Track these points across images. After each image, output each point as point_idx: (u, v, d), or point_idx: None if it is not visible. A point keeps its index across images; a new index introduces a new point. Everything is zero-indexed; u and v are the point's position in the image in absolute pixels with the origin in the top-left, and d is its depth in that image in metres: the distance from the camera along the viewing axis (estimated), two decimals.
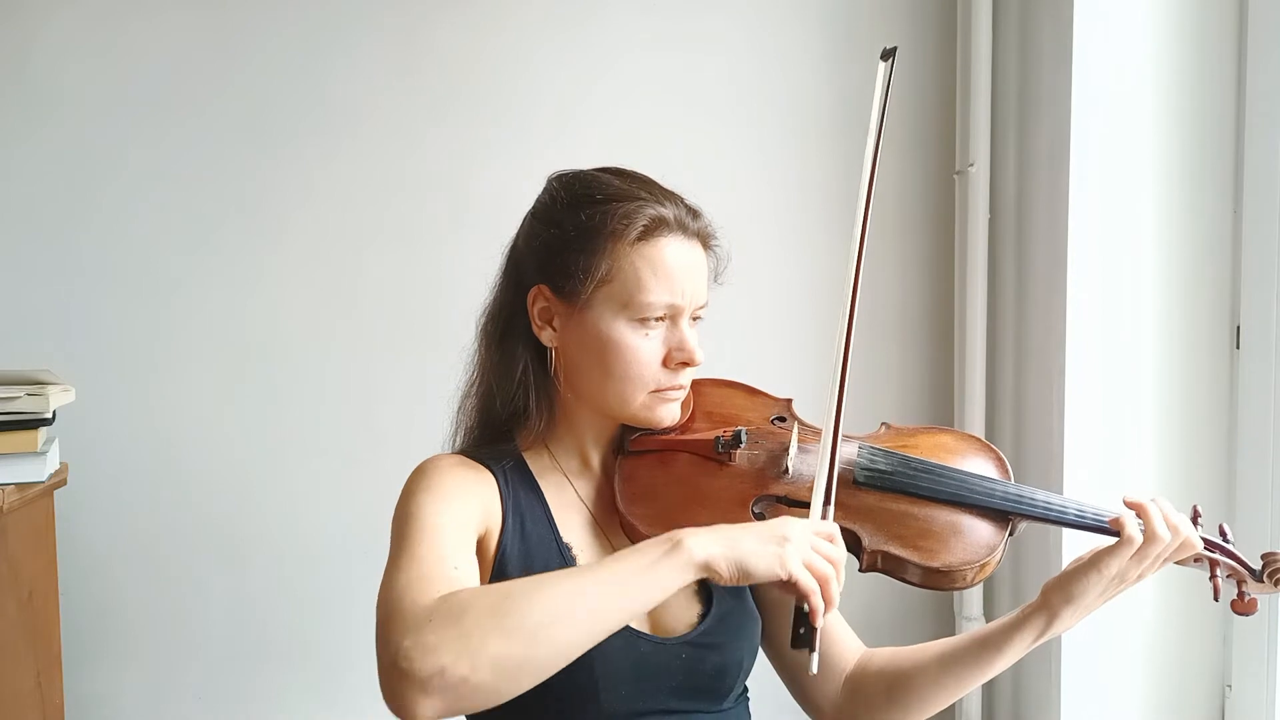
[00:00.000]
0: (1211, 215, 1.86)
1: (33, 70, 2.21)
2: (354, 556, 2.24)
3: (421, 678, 0.87)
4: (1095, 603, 1.12)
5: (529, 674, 0.90)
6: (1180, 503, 1.13)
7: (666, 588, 0.94)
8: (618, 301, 1.13)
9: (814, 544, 0.98)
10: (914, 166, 2.30)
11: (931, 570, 1.08)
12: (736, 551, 0.95)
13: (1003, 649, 1.16)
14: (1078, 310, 1.87)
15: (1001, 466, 1.20)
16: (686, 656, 1.13)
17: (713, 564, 0.95)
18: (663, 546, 0.95)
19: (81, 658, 2.22)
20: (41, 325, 2.22)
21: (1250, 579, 1.14)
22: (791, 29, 2.28)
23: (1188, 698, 1.90)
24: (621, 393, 1.14)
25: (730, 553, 0.95)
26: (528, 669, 0.90)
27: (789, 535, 0.97)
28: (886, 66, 1.21)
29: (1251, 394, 1.81)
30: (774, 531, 0.97)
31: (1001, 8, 2.14)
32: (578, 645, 0.92)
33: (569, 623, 0.91)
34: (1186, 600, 1.86)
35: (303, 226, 2.26)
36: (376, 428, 2.26)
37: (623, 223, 1.12)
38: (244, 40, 2.24)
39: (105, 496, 2.23)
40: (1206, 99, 1.85)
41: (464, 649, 0.87)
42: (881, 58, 1.22)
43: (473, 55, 2.26)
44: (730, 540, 0.96)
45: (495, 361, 1.20)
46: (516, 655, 0.89)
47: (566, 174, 1.21)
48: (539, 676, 0.91)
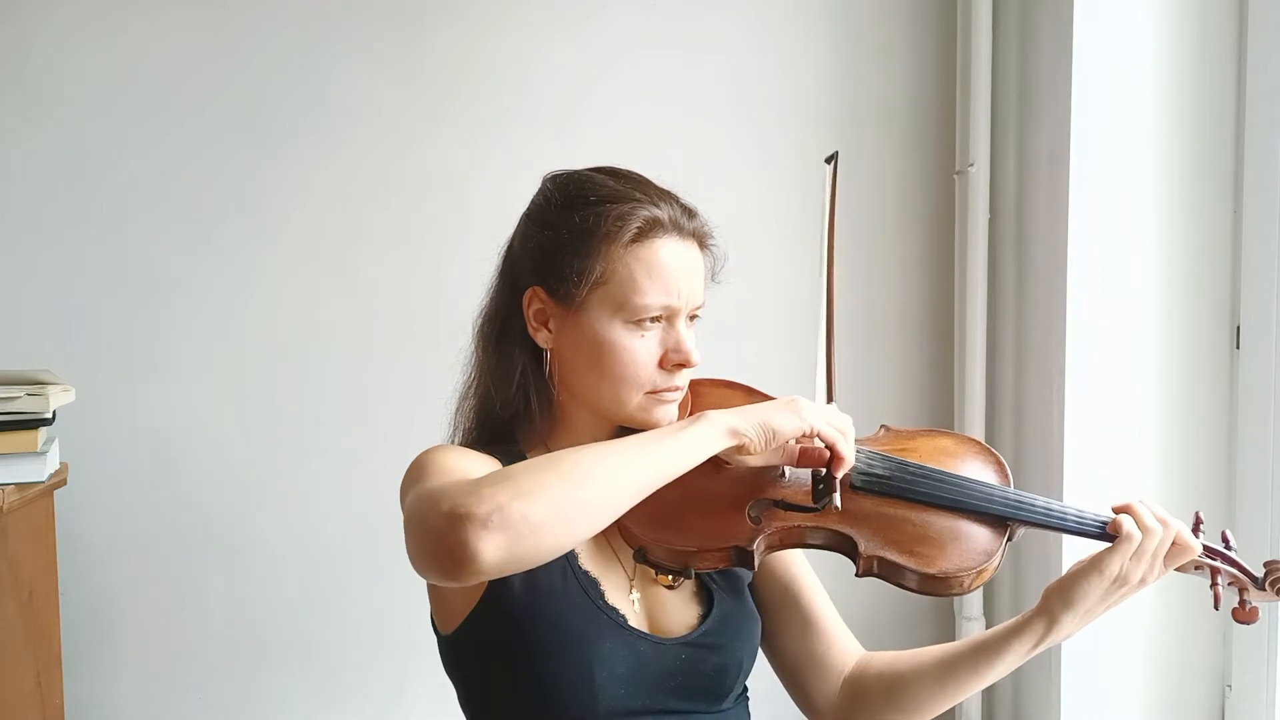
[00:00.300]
0: (1211, 215, 1.86)
1: (33, 70, 2.21)
2: (354, 556, 2.24)
3: (481, 515, 0.89)
4: (1096, 608, 1.11)
5: (581, 519, 0.94)
6: (1181, 504, 1.14)
7: (704, 449, 1.01)
8: (613, 303, 1.12)
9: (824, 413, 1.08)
10: (914, 166, 2.30)
11: (928, 576, 1.07)
12: (759, 415, 1.04)
13: (1002, 655, 1.15)
14: (1078, 310, 1.87)
15: (1001, 471, 1.19)
16: (686, 657, 1.13)
17: (739, 429, 1.03)
18: (691, 420, 1.03)
19: (81, 658, 2.22)
20: (41, 325, 2.22)
21: (1252, 587, 1.13)
22: (792, 29, 2.28)
23: (1188, 698, 1.90)
24: (617, 394, 1.14)
25: (753, 418, 1.03)
26: (580, 514, 0.94)
27: (802, 404, 1.06)
28: (830, 169, 1.26)
29: (1251, 394, 1.81)
30: (788, 403, 1.06)
31: (1001, 8, 2.14)
32: (625, 496, 0.97)
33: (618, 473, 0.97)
34: (1186, 601, 1.86)
35: (303, 226, 2.26)
36: (376, 427, 2.26)
37: (617, 224, 1.11)
38: (244, 40, 2.24)
39: (105, 496, 2.23)
40: (1206, 99, 1.85)
41: (518, 491, 0.91)
42: (825, 161, 1.27)
43: (473, 56, 2.26)
44: (750, 410, 1.05)
45: (492, 364, 1.20)
46: (568, 498, 0.93)
47: (561, 174, 1.20)
48: (589, 523, 0.96)
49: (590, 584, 1.12)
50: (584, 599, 1.10)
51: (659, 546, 1.09)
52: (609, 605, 1.12)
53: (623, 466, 0.97)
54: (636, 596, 1.16)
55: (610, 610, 1.11)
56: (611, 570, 1.15)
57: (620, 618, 1.12)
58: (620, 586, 1.15)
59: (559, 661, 1.07)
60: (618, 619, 1.11)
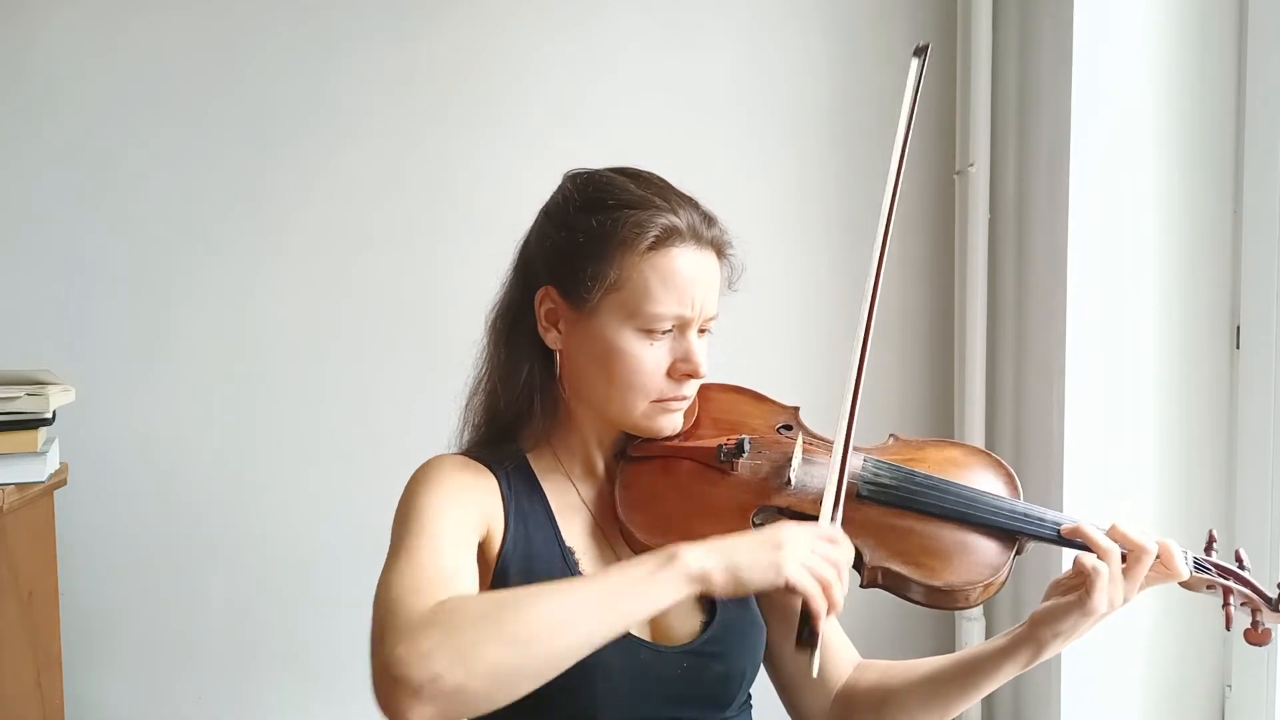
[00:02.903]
0: (1211, 215, 1.86)
1: (33, 70, 2.21)
2: (355, 557, 2.23)
3: (415, 685, 0.86)
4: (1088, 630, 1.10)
5: (524, 681, 0.90)
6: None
7: (662, 601, 0.93)
8: (625, 310, 1.11)
9: (814, 547, 0.97)
10: (914, 166, 2.29)
11: (934, 589, 1.06)
12: (731, 561, 0.95)
13: (990, 675, 1.14)
14: (1078, 310, 1.87)
15: (1011, 484, 1.17)
16: (688, 665, 1.12)
17: (708, 576, 0.94)
18: (659, 559, 0.94)
19: (81, 658, 2.22)
20: (41, 325, 2.22)
21: (1266, 608, 1.10)
22: (792, 29, 2.28)
23: (1188, 698, 1.90)
24: (623, 400, 1.13)
25: (725, 563, 0.94)
26: (523, 676, 0.90)
27: (785, 541, 0.96)
28: (919, 62, 1.19)
29: (1251, 394, 1.81)
30: (770, 538, 0.97)
31: (1001, 8, 2.14)
32: (572, 654, 0.91)
33: (564, 631, 0.90)
34: (1187, 601, 1.85)
35: (303, 226, 2.26)
36: (376, 428, 2.26)
37: (634, 231, 1.10)
38: (244, 40, 2.24)
39: (105, 496, 2.23)
40: (1206, 100, 1.85)
41: (458, 657, 0.87)
42: (915, 54, 1.19)
43: (473, 56, 2.26)
44: (726, 551, 0.95)
45: (502, 360, 1.19)
46: (511, 663, 0.88)
47: (581, 174, 1.19)
48: (534, 683, 0.90)
49: None
50: None
51: None
52: None
53: (572, 622, 0.91)
54: None
55: None
56: None
57: None
58: None
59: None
60: None
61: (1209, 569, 1.11)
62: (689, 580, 0.94)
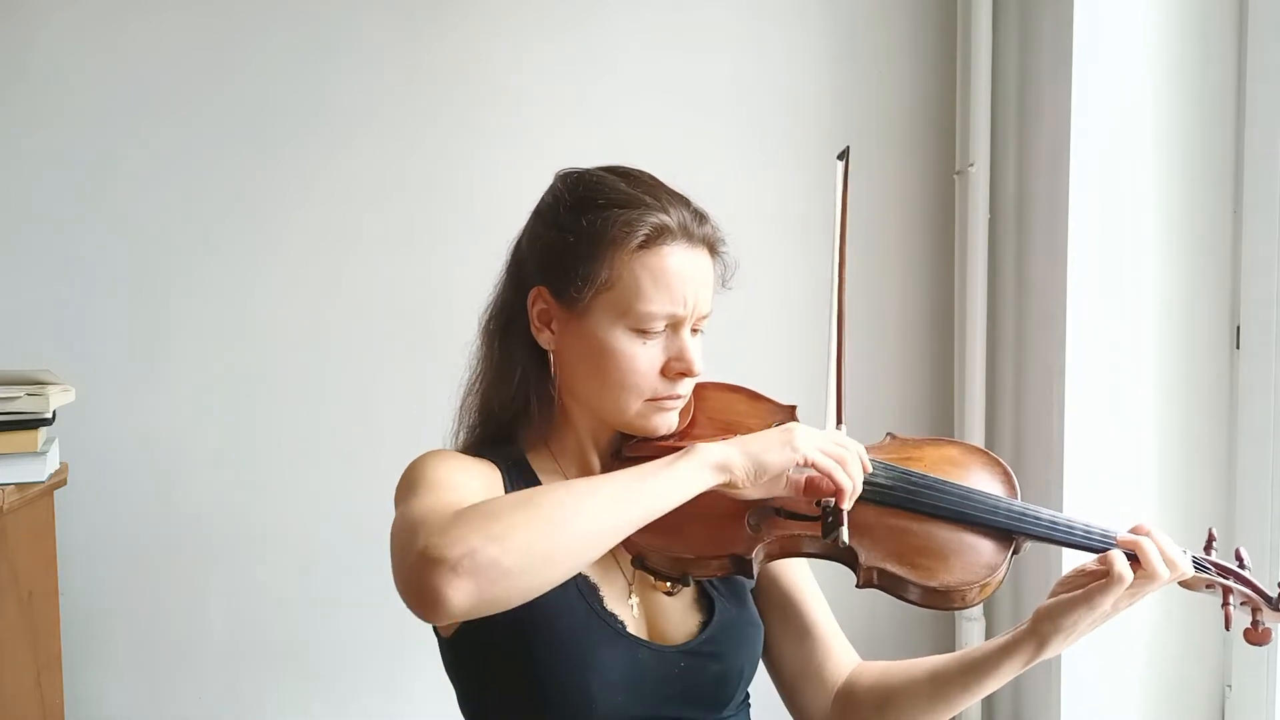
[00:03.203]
0: (1211, 215, 1.86)
1: (33, 70, 2.21)
2: (355, 556, 2.24)
3: (452, 559, 0.87)
4: (1088, 630, 1.09)
5: (555, 568, 0.92)
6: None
7: (687, 488, 0.98)
8: (617, 310, 1.11)
9: (825, 436, 1.04)
10: (914, 166, 2.30)
11: (930, 589, 1.06)
12: (749, 448, 1.01)
13: (992, 674, 1.13)
14: (1078, 310, 1.87)
15: (1008, 483, 1.16)
16: (686, 665, 1.12)
17: (729, 463, 1.00)
18: (680, 454, 0.99)
19: (81, 658, 2.22)
20: (41, 325, 2.22)
21: (1266, 607, 1.09)
22: (792, 29, 2.28)
23: (1188, 698, 1.90)
24: (617, 400, 1.13)
25: (744, 449, 1.00)
26: (554, 562, 0.92)
27: (797, 430, 1.03)
28: (843, 165, 1.23)
29: (1251, 394, 1.81)
30: (781, 432, 1.03)
31: (1001, 8, 2.14)
32: (601, 540, 0.95)
33: (592, 516, 0.94)
34: (1187, 601, 1.86)
35: (302, 226, 2.26)
36: (376, 428, 2.26)
37: (625, 230, 1.10)
38: (244, 40, 2.24)
39: (105, 496, 2.23)
40: (1206, 99, 1.85)
41: (492, 534, 0.89)
42: (838, 158, 1.24)
43: (473, 56, 2.26)
44: (742, 442, 1.02)
45: (495, 360, 1.19)
46: (543, 545, 0.91)
47: (572, 174, 1.18)
48: (565, 567, 0.93)
49: (589, 589, 1.11)
50: (582, 604, 1.10)
51: (657, 553, 1.08)
52: (607, 611, 1.11)
53: (604, 508, 0.95)
54: (635, 603, 1.15)
55: (608, 616, 1.10)
56: (611, 576, 1.14)
57: (619, 624, 1.11)
58: (619, 592, 1.14)
59: (555, 667, 1.07)
60: (616, 625, 1.10)
61: (1209, 568, 1.11)
62: (712, 468, 0.99)
